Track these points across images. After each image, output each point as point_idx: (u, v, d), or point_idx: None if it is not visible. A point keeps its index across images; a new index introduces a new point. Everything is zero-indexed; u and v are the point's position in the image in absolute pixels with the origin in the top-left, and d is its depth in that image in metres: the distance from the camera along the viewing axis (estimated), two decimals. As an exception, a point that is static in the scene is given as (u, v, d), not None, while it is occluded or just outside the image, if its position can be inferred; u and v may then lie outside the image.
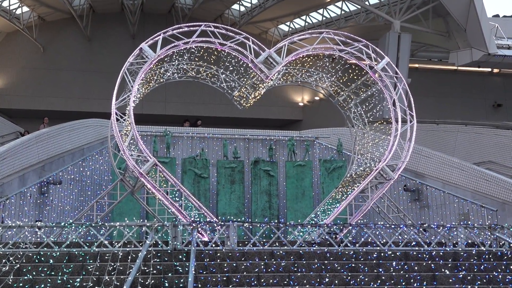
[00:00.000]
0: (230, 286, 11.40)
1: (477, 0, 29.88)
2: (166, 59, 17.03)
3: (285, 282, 11.73)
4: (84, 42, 39.53)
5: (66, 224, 13.11)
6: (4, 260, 11.56)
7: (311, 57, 18.12)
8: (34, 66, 38.71)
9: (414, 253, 13.45)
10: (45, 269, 11.41)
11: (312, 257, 12.94)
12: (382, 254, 13.27)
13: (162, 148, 22.19)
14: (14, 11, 36.02)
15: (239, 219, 18.30)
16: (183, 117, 36.13)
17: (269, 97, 24.08)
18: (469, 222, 17.76)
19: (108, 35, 39.41)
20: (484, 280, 12.47)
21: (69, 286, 10.93)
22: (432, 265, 12.95)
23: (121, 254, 12.05)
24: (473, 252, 13.63)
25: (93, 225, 13.14)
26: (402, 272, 12.56)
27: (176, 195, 16.13)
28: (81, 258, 12.03)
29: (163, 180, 15.94)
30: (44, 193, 19.31)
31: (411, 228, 14.66)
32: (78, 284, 10.96)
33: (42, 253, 12.06)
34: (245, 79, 18.28)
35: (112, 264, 11.61)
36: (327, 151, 23.82)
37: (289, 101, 41.54)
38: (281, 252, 13.00)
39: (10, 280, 10.92)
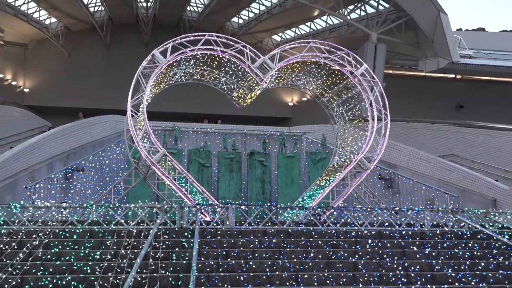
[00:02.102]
0: (229, 259, 11.43)
1: (443, 16, 29.99)
2: (174, 64, 17.00)
3: (276, 257, 11.77)
4: (103, 49, 39.51)
5: (88, 205, 13.12)
6: (34, 236, 11.59)
7: (300, 64, 18.10)
8: (60, 70, 38.68)
9: (387, 232, 13.51)
10: (70, 243, 11.44)
11: (299, 235, 12.98)
12: (359, 233, 13.32)
13: (171, 140, 22.16)
14: (43, 21, 36.01)
15: (237, 202, 18.31)
16: (190, 114, 36.28)
17: (263, 98, 24.01)
18: (434, 206, 17.81)
19: (124, 43, 39.38)
20: (447, 256, 12.54)
21: (90, 258, 10.96)
22: (402, 242, 13.00)
23: (135, 231, 12.08)
24: (438, 232, 13.70)
25: (111, 206, 13.15)
26: (376, 248, 12.62)
27: (183, 181, 16.15)
28: (100, 234, 12.06)
29: (171, 168, 15.97)
30: (69, 178, 19.30)
31: (385, 211, 14.69)
32: (98, 256, 10.99)
33: (67, 230, 12.08)
34: (243, 82, 18.26)
35: (127, 239, 11.64)
36: (313, 145, 23.84)
37: (281, 101, 41.58)
38: (272, 230, 13.04)
39: (40, 253, 10.94)
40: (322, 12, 34.16)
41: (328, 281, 10.79)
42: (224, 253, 11.63)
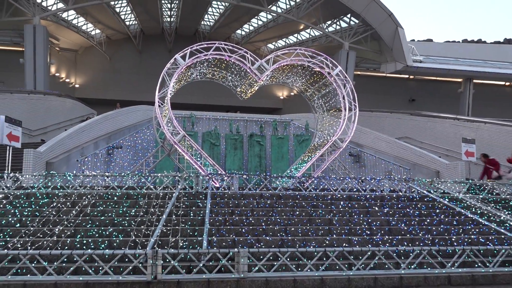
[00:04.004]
0: (233, 216, 11.48)
1: (400, 29, 29.89)
2: (192, 65, 16.91)
3: (270, 214, 11.82)
4: (137, 54, 39.28)
5: (125, 174, 13.14)
6: (84, 197, 11.63)
7: (289, 66, 18.02)
8: (103, 70, 38.53)
9: (355, 196, 13.53)
10: (111, 203, 11.47)
11: (287, 198, 13.01)
12: (334, 196, 13.35)
13: (189, 125, 22.15)
14: (90, 32, 35.77)
15: (240, 173, 18.34)
16: (203, 105, 36.13)
17: (260, 92, 23.96)
18: (392, 176, 17.86)
19: (153, 49, 39.16)
20: (401, 214, 12.60)
21: (127, 214, 11.01)
22: (366, 204, 13.03)
23: (161, 194, 12.11)
24: (394, 196, 13.74)
25: (143, 175, 13.17)
26: (346, 208, 12.66)
27: (198, 156, 16.16)
28: (135, 196, 12.10)
29: (189, 147, 15.96)
30: (110, 154, 19.31)
31: (353, 180, 14.74)
32: (133, 213, 11.03)
33: (109, 193, 12.11)
34: (244, 80, 18.19)
35: (156, 200, 11.67)
36: (299, 129, 23.83)
37: (274, 95, 41.48)
38: (267, 194, 13.07)
39: (88, 210, 10.99)
40: (306, 26, 33.98)
41: (309, 233, 10.84)
42: (230, 211, 11.66)
